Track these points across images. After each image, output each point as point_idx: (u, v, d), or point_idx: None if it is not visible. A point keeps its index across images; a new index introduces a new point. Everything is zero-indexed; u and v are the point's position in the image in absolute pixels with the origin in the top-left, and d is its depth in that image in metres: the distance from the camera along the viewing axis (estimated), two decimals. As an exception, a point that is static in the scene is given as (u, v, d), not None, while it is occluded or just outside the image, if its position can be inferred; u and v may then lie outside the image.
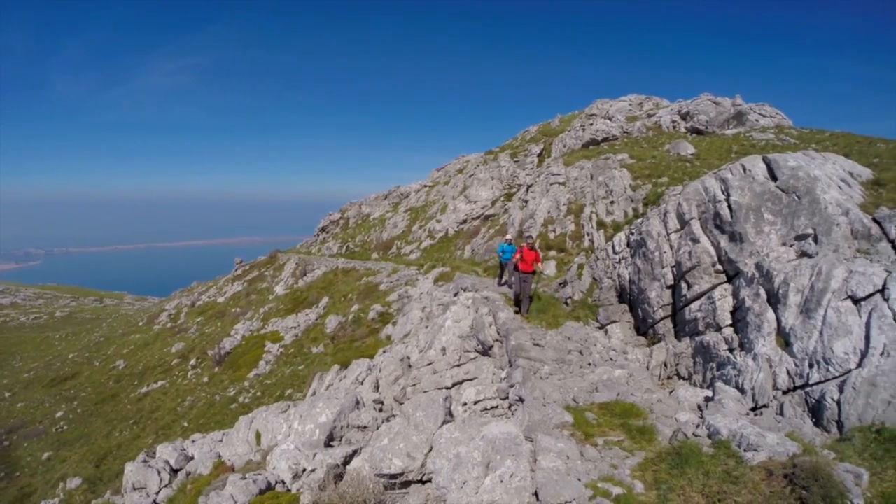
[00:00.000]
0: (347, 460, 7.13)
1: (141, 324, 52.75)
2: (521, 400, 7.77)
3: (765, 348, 7.70)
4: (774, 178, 9.86)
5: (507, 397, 8.47)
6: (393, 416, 8.98)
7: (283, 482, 7.58)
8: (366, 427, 8.69)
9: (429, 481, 6.01)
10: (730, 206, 9.89)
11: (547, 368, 9.04)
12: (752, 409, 7.28)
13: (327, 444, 8.39)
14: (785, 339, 7.54)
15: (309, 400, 11.32)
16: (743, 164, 10.57)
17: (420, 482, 6.14)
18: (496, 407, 8.62)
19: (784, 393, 7.13)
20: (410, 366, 12.42)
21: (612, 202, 21.46)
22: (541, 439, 5.87)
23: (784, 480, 4.47)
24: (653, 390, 8.32)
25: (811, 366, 6.88)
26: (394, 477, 6.10)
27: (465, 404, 8.85)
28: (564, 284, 15.05)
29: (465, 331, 11.99)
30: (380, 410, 10.46)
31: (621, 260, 13.24)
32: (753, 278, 8.75)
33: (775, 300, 8.03)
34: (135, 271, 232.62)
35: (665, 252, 11.25)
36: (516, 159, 41.09)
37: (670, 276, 10.98)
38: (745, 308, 8.64)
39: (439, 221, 39.56)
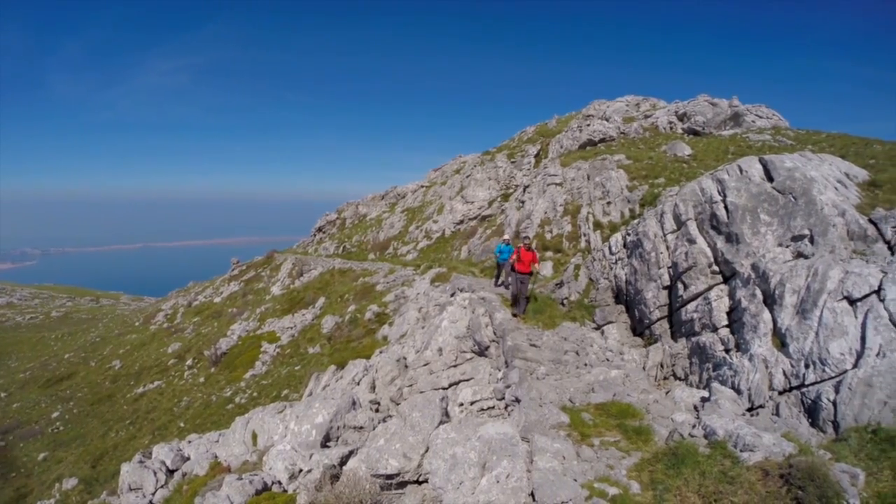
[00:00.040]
0: (344, 461, 7.10)
1: (137, 324, 52.61)
2: (517, 400, 7.77)
3: (761, 349, 7.71)
4: (771, 179, 9.89)
5: (503, 398, 8.47)
6: (389, 416, 8.96)
7: (279, 483, 7.56)
8: (362, 427, 8.66)
9: (425, 482, 6.00)
10: (726, 207, 9.91)
11: (543, 369, 9.04)
12: (749, 410, 7.30)
13: (324, 445, 8.36)
14: (781, 339, 7.56)
15: (305, 400, 11.30)
16: (739, 165, 10.60)
17: (416, 483, 6.12)
18: (493, 407, 8.62)
19: (780, 393, 7.14)
20: (407, 366, 12.41)
21: (608, 203, 21.48)
22: (537, 440, 5.87)
23: (780, 480, 4.47)
24: (649, 391, 8.33)
25: (807, 366, 6.90)
26: (390, 477, 6.09)
27: (462, 405, 8.84)
28: (561, 285, 15.06)
29: (461, 331, 11.98)
30: (376, 411, 10.44)
31: (618, 261, 13.25)
32: (750, 279, 8.77)
33: (771, 301, 8.05)
34: (131, 271, 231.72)
35: (661, 253, 11.26)
36: (513, 160, 41.11)
37: (667, 277, 10.99)
38: (741, 309, 8.66)
39: (436, 222, 39.56)
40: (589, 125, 33.79)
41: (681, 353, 9.79)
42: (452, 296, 15.79)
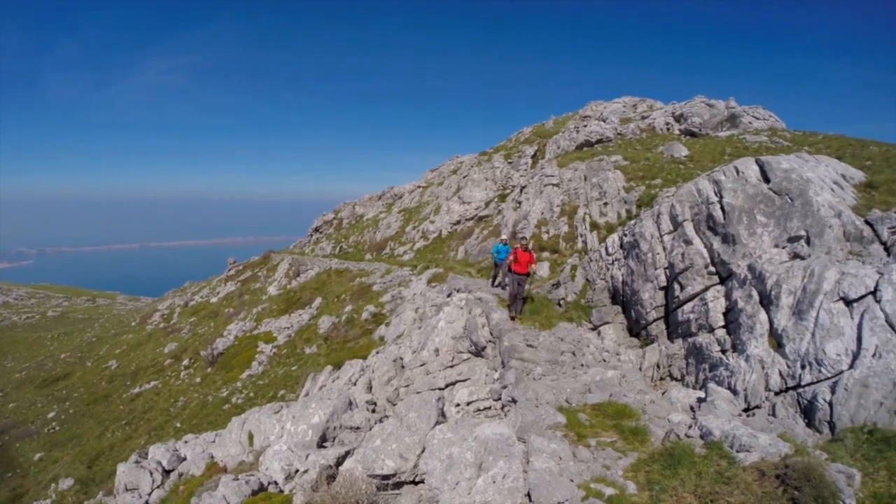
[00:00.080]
0: (340, 461, 7.10)
1: (133, 324, 52.47)
2: (513, 401, 7.76)
3: (757, 349, 7.72)
4: (767, 180, 9.91)
5: (499, 398, 8.46)
6: (386, 416, 8.96)
7: (275, 483, 7.54)
8: (358, 428, 8.65)
9: (421, 482, 5.99)
10: (723, 208, 9.93)
11: (540, 369, 9.04)
12: (745, 410, 7.30)
13: (320, 445, 8.35)
14: (777, 340, 7.57)
15: (302, 401, 11.27)
16: (736, 166, 10.62)
17: (413, 483, 6.12)
18: (489, 408, 8.61)
19: (776, 394, 7.15)
20: (403, 367, 12.39)
21: (605, 204, 21.51)
22: (533, 440, 5.87)
23: (776, 481, 4.48)
24: (645, 391, 8.33)
25: (803, 367, 6.91)
26: (386, 478, 6.08)
27: (458, 405, 8.84)
28: (557, 285, 15.06)
29: (458, 332, 11.98)
30: (373, 411, 10.43)
31: (614, 261, 13.26)
32: (746, 280, 8.78)
33: (768, 302, 8.06)
34: (128, 271, 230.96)
35: (658, 254, 11.28)
36: (510, 160, 41.15)
37: (663, 278, 11.00)
38: (737, 309, 8.67)
39: (433, 222, 39.55)
40: (586, 126, 33.84)
41: (677, 353, 9.80)
42: (449, 296, 15.79)
